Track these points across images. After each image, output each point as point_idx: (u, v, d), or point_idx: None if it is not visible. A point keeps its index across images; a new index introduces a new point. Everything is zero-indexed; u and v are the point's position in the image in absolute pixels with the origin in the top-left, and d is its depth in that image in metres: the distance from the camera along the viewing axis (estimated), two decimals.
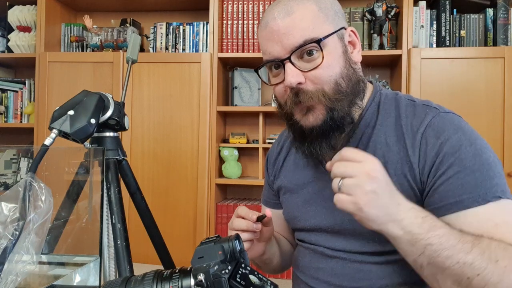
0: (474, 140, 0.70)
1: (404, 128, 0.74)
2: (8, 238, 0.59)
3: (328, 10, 0.75)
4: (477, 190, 0.66)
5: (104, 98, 0.83)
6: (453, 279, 0.60)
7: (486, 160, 0.68)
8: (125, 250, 0.80)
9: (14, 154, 2.34)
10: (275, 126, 2.40)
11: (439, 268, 0.60)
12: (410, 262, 0.64)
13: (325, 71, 0.72)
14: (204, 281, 0.45)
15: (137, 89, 2.19)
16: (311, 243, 0.84)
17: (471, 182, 0.66)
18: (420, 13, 2.09)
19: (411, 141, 0.73)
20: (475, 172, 0.67)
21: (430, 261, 0.60)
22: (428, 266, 0.61)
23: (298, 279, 0.87)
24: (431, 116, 0.73)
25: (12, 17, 2.45)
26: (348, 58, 0.76)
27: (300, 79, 0.72)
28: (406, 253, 0.63)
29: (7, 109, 2.47)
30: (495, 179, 0.67)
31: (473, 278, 0.58)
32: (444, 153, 0.69)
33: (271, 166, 0.97)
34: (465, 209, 0.66)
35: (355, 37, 0.79)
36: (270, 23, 0.73)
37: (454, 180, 0.67)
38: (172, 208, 2.14)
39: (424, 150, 0.71)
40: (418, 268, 0.64)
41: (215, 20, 2.18)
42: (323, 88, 0.73)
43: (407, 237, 0.61)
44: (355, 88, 0.76)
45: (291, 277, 0.92)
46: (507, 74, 1.94)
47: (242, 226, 0.74)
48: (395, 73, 2.23)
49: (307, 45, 0.71)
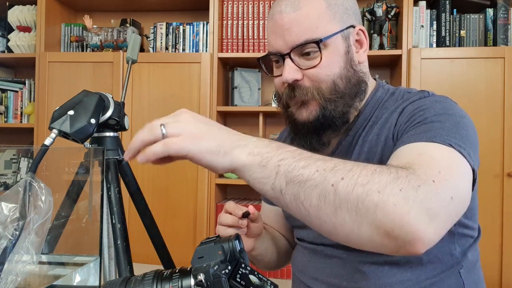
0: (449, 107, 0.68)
1: (388, 112, 0.75)
2: (8, 238, 0.59)
3: (337, 7, 0.74)
4: (428, 133, 0.62)
5: (104, 98, 0.83)
6: (317, 193, 0.50)
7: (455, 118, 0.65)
8: (125, 250, 0.80)
9: (14, 154, 2.34)
10: (275, 126, 2.40)
11: (299, 184, 0.51)
12: (269, 195, 0.54)
13: (323, 70, 0.73)
14: (204, 281, 0.45)
15: (137, 89, 2.19)
16: (310, 241, 0.84)
17: (426, 128, 0.63)
18: (420, 13, 2.09)
19: (396, 117, 0.73)
20: (434, 122, 0.64)
21: (288, 179, 0.51)
22: (288, 186, 0.51)
23: (297, 279, 0.87)
24: (419, 97, 0.73)
25: (12, 17, 2.45)
26: (350, 59, 0.76)
27: (297, 76, 0.73)
28: (262, 182, 0.52)
29: (7, 109, 2.47)
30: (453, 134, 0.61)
31: (338, 183, 0.49)
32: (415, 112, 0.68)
33: None
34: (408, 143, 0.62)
35: (364, 36, 0.78)
36: (276, 16, 0.74)
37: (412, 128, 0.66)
38: (172, 208, 2.15)
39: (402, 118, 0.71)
40: (279, 196, 0.53)
41: (215, 20, 2.18)
42: (320, 86, 0.73)
43: (257, 160, 0.52)
44: (354, 90, 0.76)
45: (291, 277, 0.92)
46: (507, 74, 1.94)
47: (228, 221, 0.75)
48: (395, 73, 2.23)
49: (307, 45, 0.72)
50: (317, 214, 0.51)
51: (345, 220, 0.49)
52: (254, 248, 0.84)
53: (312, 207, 0.50)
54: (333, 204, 0.49)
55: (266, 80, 2.39)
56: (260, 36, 2.20)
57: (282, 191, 0.52)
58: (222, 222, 0.76)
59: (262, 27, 2.21)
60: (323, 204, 0.50)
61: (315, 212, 0.51)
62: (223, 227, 0.76)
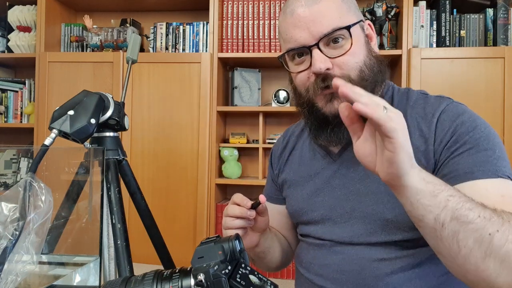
0: (487, 126, 0.73)
1: (417, 117, 0.77)
2: (8, 238, 0.59)
3: (350, 2, 0.79)
4: (488, 165, 0.68)
5: (104, 98, 0.83)
6: (475, 237, 0.55)
7: (498, 143, 0.71)
8: (125, 250, 0.80)
9: (14, 154, 2.34)
10: (275, 126, 2.40)
11: (462, 224, 0.55)
12: (428, 223, 0.57)
13: (352, 57, 0.75)
14: (204, 281, 0.46)
15: (137, 89, 2.19)
16: (316, 237, 0.84)
17: (483, 158, 0.68)
18: (420, 13, 2.09)
19: (427, 125, 0.75)
20: (487, 151, 0.69)
21: (454, 215, 0.55)
22: (451, 222, 0.55)
23: (301, 276, 0.87)
24: (446, 104, 0.77)
25: (12, 17, 2.45)
26: (369, 49, 0.79)
27: (328, 64, 0.74)
28: (428, 209, 0.56)
29: (7, 109, 2.47)
30: (504, 161, 0.69)
31: (494, 234, 0.54)
32: (460, 132, 0.72)
33: (276, 160, 0.98)
34: (475, 179, 0.67)
35: (372, 30, 0.82)
36: (298, 9, 0.76)
37: (466, 155, 0.69)
38: (172, 208, 2.14)
39: (440, 132, 0.73)
40: (439, 229, 0.57)
41: (215, 20, 2.18)
42: (349, 74, 0.75)
43: (429, 188, 0.56)
44: (376, 78, 0.78)
45: (291, 277, 0.92)
46: (507, 74, 1.94)
47: (236, 212, 0.75)
48: (395, 73, 2.23)
49: (336, 32, 0.74)
50: (467, 254, 0.56)
51: (489, 267, 0.55)
52: (259, 244, 0.83)
53: (466, 248, 0.56)
54: (485, 251, 0.55)
55: (266, 80, 2.39)
56: (260, 36, 2.20)
57: (444, 224, 0.56)
58: (229, 213, 0.75)
59: (262, 27, 2.21)
60: (477, 248, 0.55)
61: (465, 252, 0.56)
62: (231, 219, 0.75)
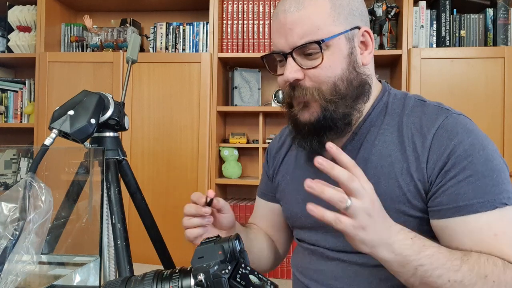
0: (486, 145, 0.70)
1: (412, 128, 0.74)
2: (8, 238, 0.59)
3: (342, 7, 0.73)
4: (486, 195, 0.66)
5: (104, 98, 0.83)
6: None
7: (496, 166, 0.69)
8: (125, 250, 0.80)
9: (14, 154, 2.34)
10: (275, 126, 2.40)
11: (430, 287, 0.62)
12: (402, 281, 0.64)
13: (324, 71, 0.72)
14: (204, 281, 0.46)
15: (137, 89, 2.19)
16: (310, 243, 0.84)
17: (482, 187, 0.67)
18: (420, 13, 2.09)
19: (421, 140, 0.72)
20: (485, 178, 0.67)
21: (422, 281, 0.61)
22: (420, 285, 0.62)
23: (297, 281, 0.87)
24: (443, 117, 0.72)
25: (12, 17, 2.45)
26: (354, 61, 0.75)
27: (298, 75, 0.73)
28: (398, 275, 0.63)
29: (7, 109, 2.47)
30: (503, 185, 0.68)
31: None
32: (457, 155, 0.68)
33: (271, 159, 0.97)
34: (474, 213, 0.66)
35: (369, 38, 0.77)
36: (280, 15, 0.74)
37: (465, 184, 0.67)
38: (172, 208, 2.14)
39: (436, 150, 0.70)
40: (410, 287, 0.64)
41: (215, 20, 2.18)
42: (320, 87, 0.73)
43: (398, 259, 0.60)
44: (356, 92, 0.75)
45: (291, 277, 0.91)
46: (507, 74, 1.94)
47: (192, 211, 0.75)
48: (395, 73, 2.23)
49: (308, 45, 0.71)
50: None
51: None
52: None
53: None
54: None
55: (266, 80, 2.39)
56: (260, 36, 2.20)
57: (414, 286, 0.63)
58: (186, 212, 0.76)
59: (262, 27, 2.21)
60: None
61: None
62: (187, 218, 0.75)
